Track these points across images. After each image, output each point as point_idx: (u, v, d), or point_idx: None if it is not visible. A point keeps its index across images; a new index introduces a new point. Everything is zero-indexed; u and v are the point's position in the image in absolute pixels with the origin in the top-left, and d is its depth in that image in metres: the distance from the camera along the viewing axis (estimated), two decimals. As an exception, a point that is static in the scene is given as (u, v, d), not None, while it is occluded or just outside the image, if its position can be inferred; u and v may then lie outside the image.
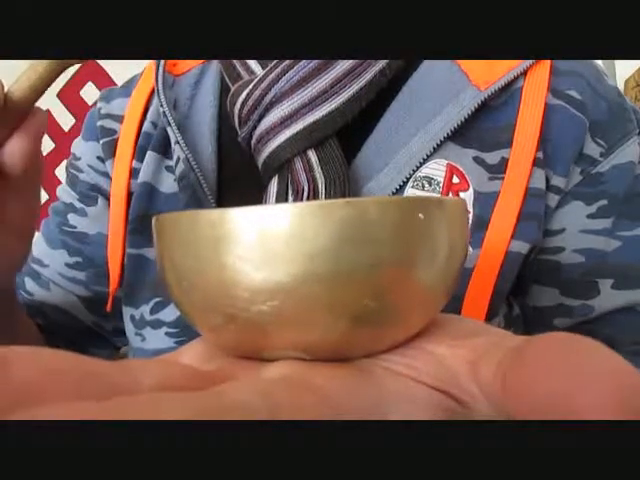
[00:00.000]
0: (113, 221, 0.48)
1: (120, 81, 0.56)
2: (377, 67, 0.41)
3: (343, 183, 0.40)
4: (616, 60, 1.05)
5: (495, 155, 0.41)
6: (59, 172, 1.38)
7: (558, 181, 0.42)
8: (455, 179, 0.41)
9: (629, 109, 0.44)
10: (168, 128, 0.45)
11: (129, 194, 0.48)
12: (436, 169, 0.41)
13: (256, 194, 0.43)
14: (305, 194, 0.40)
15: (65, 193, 0.53)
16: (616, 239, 0.43)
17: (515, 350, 0.14)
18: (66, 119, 1.45)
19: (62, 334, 0.53)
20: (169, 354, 0.19)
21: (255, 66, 0.44)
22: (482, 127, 0.42)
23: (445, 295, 0.18)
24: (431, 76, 0.43)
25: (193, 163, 0.44)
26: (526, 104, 0.41)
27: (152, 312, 0.47)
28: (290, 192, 0.41)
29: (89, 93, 1.42)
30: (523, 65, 0.41)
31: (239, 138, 0.44)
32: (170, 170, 0.47)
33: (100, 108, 0.51)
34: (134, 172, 0.48)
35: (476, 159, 0.41)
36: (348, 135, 0.41)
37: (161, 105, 0.45)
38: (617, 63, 1.07)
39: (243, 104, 0.42)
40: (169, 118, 0.45)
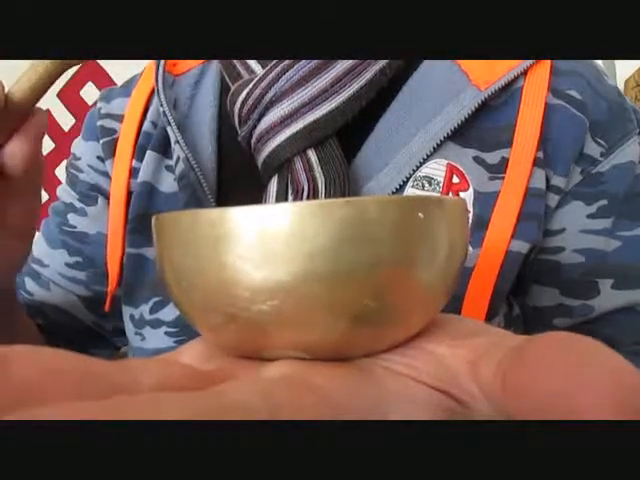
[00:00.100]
0: (112, 220, 0.48)
1: (120, 81, 0.56)
2: (377, 66, 0.41)
3: (343, 183, 0.40)
4: (616, 60, 1.05)
5: (495, 155, 0.41)
6: (59, 172, 1.38)
7: (558, 181, 0.42)
8: (455, 179, 0.41)
9: (629, 109, 0.44)
10: (168, 127, 0.45)
11: (129, 194, 0.48)
12: (436, 169, 0.41)
13: (256, 194, 0.43)
14: (305, 194, 0.40)
15: (65, 193, 0.53)
16: (616, 239, 0.43)
17: (515, 350, 0.14)
18: (66, 119, 1.45)
19: (62, 334, 0.53)
20: (169, 354, 0.19)
21: (255, 65, 0.44)
22: (482, 127, 0.42)
23: (445, 295, 0.18)
24: (431, 76, 0.43)
25: (193, 162, 0.44)
26: (526, 104, 0.41)
27: (151, 311, 0.47)
28: (290, 192, 0.41)
29: (89, 93, 1.42)
30: (523, 65, 0.41)
31: (239, 137, 0.44)
32: (170, 170, 0.47)
33: (100, 108, 0.51)
34: (134, 172, 0.48)
35: (476, 159, 0.41)
36: (348, 135, 0.41)
37: (161, 105, 0.45)
38: (617, 63, 1.07)
39: (243, 103, 0.42)
40: (169, 117, 0.45)
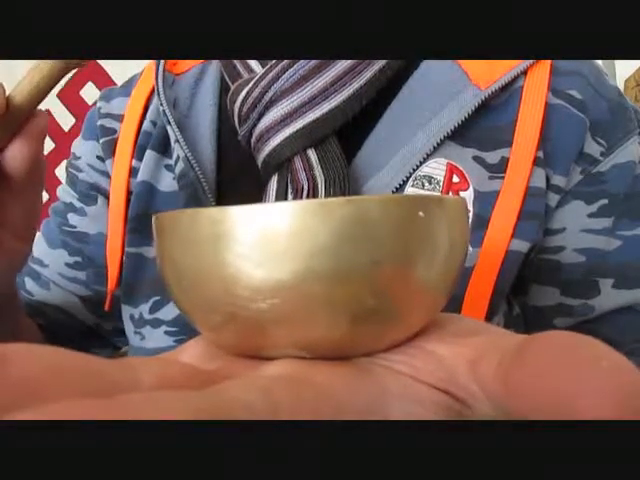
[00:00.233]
0: (112, 220, 0.48)
1: (120, 81, 0.56)
2: (377, 65, 0.41)
3: (343, 182, 0.40)
4: (616, 60, 1.05)
5: (495, 154, 0.41)
6: (59, 172, 1.38)
7: (558, 180, 0.42)
8: (455, 178, 0.41)
9: (630, 109, 0.44)
10: (168, 127, 0.45)
11: (128, 193, 0.48)
12: (436, 168, 0.41)
13: (256, 193, 0.43)
14: (305, 193, 0.40)
15: (65, 193, 0.53)
16: (617, 238, 0.43)
17: (515, 349, 0.14)
18: (66, 119, 1.45)
19: (62, 334, 0.53)
20: (169, 352, 0.19)
21: (255, 65, 0.44)
22: (482, 126, 0.42)
23: (445, 294, 0.18)
24: (431, 75, 0.43)
25: (193, 162, 0.44)
26: (526, 103, 0.41)
27: (151, 311, 0.47)
28: (290, 191, 0.41)
29: (89, 93, 1.42)
30: (523, 65, 0.41)
31: (239, 137, 0.44)
32: (170, 169, 0.47)
33: (100, 107, 0.51)
34: (134, 171, 0.48)
35: (476, 158, 0.41)
36: (348, 134, 0.41)
37: (161, 104, 0.45)
38: (617, 63, 1.07)
39: (243, 102, 0.42)
40: (169, 117, 0.45)
